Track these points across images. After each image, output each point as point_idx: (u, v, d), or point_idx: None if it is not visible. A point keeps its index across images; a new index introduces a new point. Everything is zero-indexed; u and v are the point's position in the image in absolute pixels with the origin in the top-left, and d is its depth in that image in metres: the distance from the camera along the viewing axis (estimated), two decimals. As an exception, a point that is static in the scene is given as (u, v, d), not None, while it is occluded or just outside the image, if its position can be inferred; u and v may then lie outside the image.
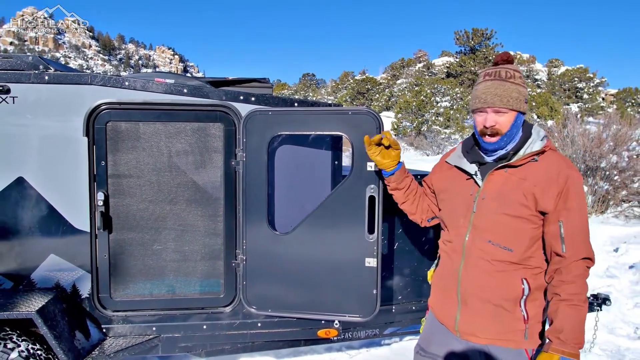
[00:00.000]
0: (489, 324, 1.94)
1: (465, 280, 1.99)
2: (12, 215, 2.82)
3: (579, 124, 12.14)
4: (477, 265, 1.97)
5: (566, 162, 1.92)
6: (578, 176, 1.91)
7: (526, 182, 1.88)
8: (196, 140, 2.97)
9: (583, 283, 1.85)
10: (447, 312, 2.08)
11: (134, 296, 3.00)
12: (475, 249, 1.97)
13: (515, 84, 1.91)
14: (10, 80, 2.76)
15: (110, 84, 2.86)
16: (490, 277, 1.94)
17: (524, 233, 1.90)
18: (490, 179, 1.96)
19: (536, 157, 1.91)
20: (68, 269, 2.90)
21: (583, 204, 1.88)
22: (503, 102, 1.90)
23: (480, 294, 1.96)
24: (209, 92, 2.95)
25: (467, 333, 1.99)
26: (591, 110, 34.01)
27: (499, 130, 1.92)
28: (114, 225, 2.93)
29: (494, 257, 1.93)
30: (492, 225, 1.93)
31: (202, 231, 3.02)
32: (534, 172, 1.89)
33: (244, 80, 3.41)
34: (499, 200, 1.92)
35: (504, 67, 1.96)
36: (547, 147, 1.93)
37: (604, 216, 10.57)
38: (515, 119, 1.92)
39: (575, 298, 1.83)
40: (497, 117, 1.91)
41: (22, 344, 2.63)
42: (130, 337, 2.99)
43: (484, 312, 1.95)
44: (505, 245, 1.91)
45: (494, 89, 1.91)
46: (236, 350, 3.22)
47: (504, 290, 1.92)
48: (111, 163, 2.90)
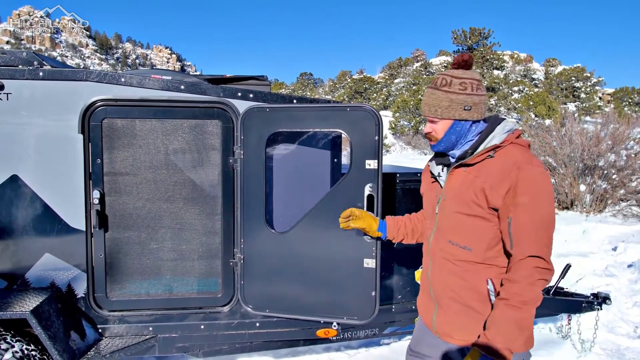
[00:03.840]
0: (461, 325, 1.93)
1: (434, 281, 2.01)
2: (6, 213, 2.78)
3: (576, 123, 12.13)
4: (442, 265, 1.97)
5: (524, 155, 1.83)
6: (534, 170, 1.78)
7: (478, 179, 1.85)
8: (193, 138, 2.93)
9: (527, 284, 1.72)
10: (426, 312, 2.09)
11: (130, 296, 2.95)
12: (438, 249, 1.99)
13: (449, 92, 1.89)
14: (4, 76, 2.72)
15: (106, 80, 2.82)
16: (455, 278, 1.93)
17: (482, 232, 1.86)
18: (450, 179, 1.97)
19: (492, 153, 1.86)
20: (63, 268, 2.86)
21: (538, 199, 1.76)
22: (431, 112, 1.93)
23: (449, 294, 1.95)
24: (206, 89, 2.92)
25: (443, 334, 1.99)
26: (588, 109, 34.05)
27: (435, 137, 1.97)
28: (110, 223, 2.89)
29: (456, 257, 1.92)
30: (451, 225, 1.94)
31: (199, 230, 2.98)
32: (487, 168, 1.85)
33: (242, 77, 3.37)
34: (456, 200, 1.91)
35: (444, 74, 1.94)
36: (506, 142, 1.87)
37: (602, 215, 10.56)
38: (450, 126, 1.93)
39: (513, 298, 1.72)
40: (432, 125, 1.96)
41: (17, 344, 2.59)
42: (126, 337, 2.95)
43: (456, 313, 1.94)
44: (464, 244, 1.90)
45: (427, 97, 1.96)
46: (234, 350, 3.19)
47: (469, 290, 1.90)
48: (107, 161, 2.86)
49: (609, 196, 10.60)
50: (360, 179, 2.77)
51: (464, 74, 1.91)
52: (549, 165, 11.52)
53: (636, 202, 10.64)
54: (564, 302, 4.21)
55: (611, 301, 4.25)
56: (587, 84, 37.66)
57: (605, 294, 4.22)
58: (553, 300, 4.20)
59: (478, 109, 1.91)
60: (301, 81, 59.75)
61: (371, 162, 2.75)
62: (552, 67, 43.82)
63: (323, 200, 2.84)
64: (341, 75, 49.46)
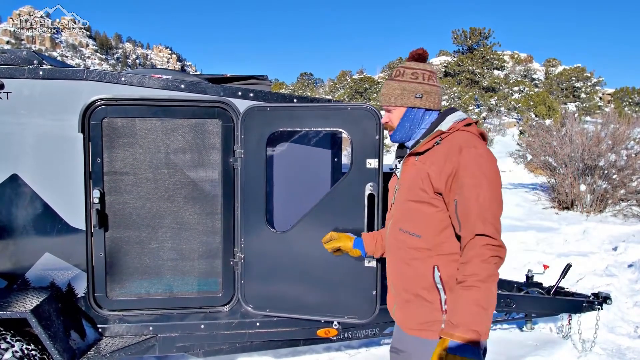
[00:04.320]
0: (413, 314, 1.94)
1: (390, 270, 2.05)
2: (6, 213, 2.77)
3: (577, 123, 12.12)
4: (395, 254, 2.00)
5: (468, 140, 1.85)
6: (476, 151, 1.80)
7: (425, 165, 1.88)
8: (193, 137, 2.92)
9: (480, 262, 1.69)
10: (390, 307, 2.13)
11: (130, 295, 2.95)
12: (392, 239, 2.02)
13: (401, 81, 1.98)
14: (4, 75, 2.71)
15: (106, 79, 2.81)
16: (406, 266, 1.95)
17: (429, 218, 1.87)
18: (404, 169, 2.01)
19: (439, 140, 1.89)
20: (63, 268, 2.85)
21: (480, 180, 1.76)
22: (385, 100, 2.02)
23: (401, 283, 1.98)
24: (207, 88, 2.91)
25: (405, 327, 2.00)
26: (588, 109, 34.02)
27: (391, 126, 2.04)
28: (110, 223, 2.89)
29: (407, 245, 1.93)
30: (402, 213, 1.97)
31: (199, 229, 2.98)
32: (434, 154, 1.88)
33: (242, 77, 3.36)
34: (406, 188, 1.95)
35: (398, 67, 2.03)
36: (452, 129, 1.89)
37: (602, 215, 10.55)
38: (404, 114, 2.00)
39: (469, 279, 1.68)
40: (388, 114, 2.04)
41: (16, 344, 2.58)
42: (126, 336, 2.94)
43: (408, 303, 1.96)
44: (413, 231, 1.91)
45: (383, 88, 2.04)
46: (234, 350, 3.18)
47: (418, 278, 1.91)
48: (107, 160, 2.85)
49: (609, 196, 10.59)
50: (361, 178, 2.77)
51: (416, 65, 2.00)
52: (549, 165, 11.52)
53: (636, 202, 10.63)
54: (565, 302, 4.20)
55: (612, 301, 4.24)
56: (587, 84, 37.63)
57: (605, 294, 4.21)
58: (554, 300, 4.20)
59: (430, 98, 1.98)
60: (301, 81, 59.74)
61: (372, 162, 2.75)
62: (553, 67, 43.80)
63: (323, 199, 2.83)
64: (341, 75, 49.46)
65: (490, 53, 38.77)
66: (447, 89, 32.93)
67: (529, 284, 4.55)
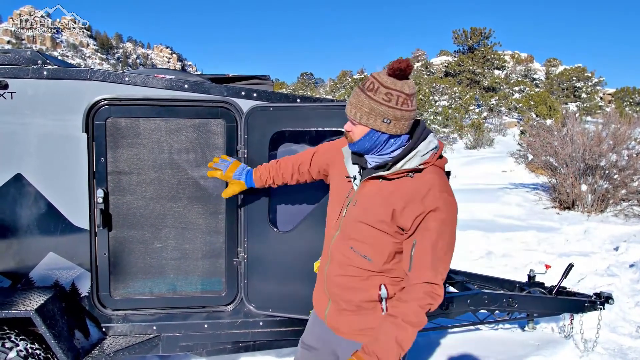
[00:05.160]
0: (352, 321, 1.99)
1: (330, 280, 2.04)
2: (10, 212, 2.78)
3: (578, 123, 12.12)
4: (339, 267, 1.99)
5: (440, 182, 1.84)
6: (446, 199, 1.81)
7: (392, 197, 1.84)
8: (197, 137, 2.93)
9: (416, 307, 1.77)
10: (320, 304, 2.13)
11: (134, 295, 2.95)
12: (338, 252, 2.00)
13: (373, 99, 1.80)
14: (8, 75, 2.72)
15: (110, 79, 2.82)
16: (350, 281, 1.96)
17: (385, 246, 1.89)
18: (364, 185, 1.94)
19: (411, 174, 1.85)
20: (67, 267, 2.86)
21: (444, 228, 1.79)
22: (351, 114, 1.86)
23: (342, 294, 1.99)
24: (210, 88, 2.92)
25: (334, 327, 2.05)
26: (589, 109, 34.00)
27: (352, 138, 1.91)
28: (114, 223, 2.89)
29: (354, 264, 1.94)
30: (355, 232, 1.94)
31: (203, 229, 2.98)
32: (403, 188, 1.84)
33: (244, 77, 3.36)
34: (365, 210, 1.91)
35: (375, 78, 1.83)
36: (427, 164, 1.86)
37: (603, 215, 10.56)
38: (367, 133, 1.85)
39: (401, 317, 1.77)
40: (351, 125, 1.89)
41: (21, 343, 2.59)
42: (130, 336, 2.95)
43: (348, 310, 1.99)
44: (365, 254, 1.92)
45: (352, 97, 1.87)
46: (238, 349, 3.19)
47: (363, 293, 1.94)
48: (111, 160, 2.85)
49: (610, 196, 10.60)
50: (364, 178, 2.77)
51: (393, 84, 1.79)
52: (550, 165, 11.52)
53: (638, 202, 10.64)
54: (567, 301, 4.20)
55: (614, 301, 4.25)
56: (588, 84, 37.62)
57: (607, 294, 4.22)
58: (556, 300, 4.20)
59: (398, 125, 1.82)
60: (302, 81, 59.72)
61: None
62: (553, 67, 43.78)
63: (326, 199, 2.83)
64: (342, 75, 49.41)
65: (491, 53, 38.77)
66: (447, 89, 32.92)
67: (531, 283, 4.56)
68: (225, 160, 2.58)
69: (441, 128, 29.12)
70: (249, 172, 2.52)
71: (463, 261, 6.51)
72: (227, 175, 2.54)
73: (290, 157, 2.47)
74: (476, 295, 3.89)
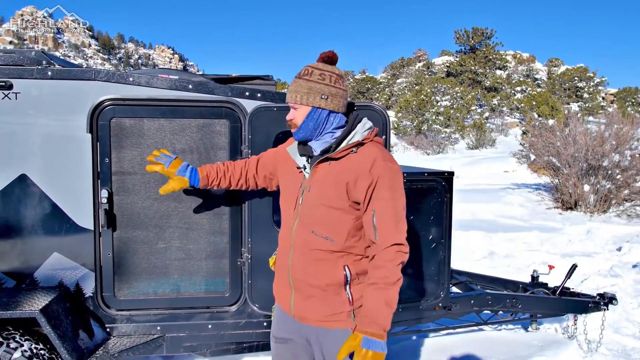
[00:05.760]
0: (318, 308, 2.06)
1: (294, 268, 2.11)
2: (14, 213, 2.78)
3: (580, 123, 12.10)
4: (302, 254, 2.08)
5: (382, 153, 2.02)
6: (391, 167, 2.00)
7: (342, 174, 1.99)
8: (201, 137, 2.93)
9: (392, 267, 1.94)
10: (283, 297, 2.20)
11: (138, 295, 2.95)
12: (300, 239, 2.08)
13: (309, 81, 2.04)
14: (12, 75, 2.72)
15: (114, 79, 2.82)
16: (315, 265, 2.05)
17: (344, 224, 2.02)
18: (315, 171, 2.07)
19: (355, 149, 2.02)
20: (71, 268, 2.86)
21: (396, 194, 1.98)
22: (292, 98, 2.06)
23: (308, 280, 2.07)
24: (214, 89, 2.92)
25: (300, 317, 2.11)
26: (591, 109, 33.94)
27: (295, 124, 2.08)
28: (118, 223, 2.89)
29: (317, 247, 2.04)
30: (314, 216, 2.05)
31: (207, 229, 2.98)
32: (350, 163, 2.00)
33: (247, 77, 3.37)
34: (320, 192, 2.03)
35: (307, 66, 2.08)
36: (367, 139, 2.04)
37: (606, 215, 10.54)
38: (309, 113, 2.05)
39: (381, 281, 1.92)
40: (293, 112, 2.08)
41: (25, 343, 2.59)
42: (134, 336, 2.95)
43: (313, 297, 2.07)
44: (326, 235, 2.03)
45: (291, 86, 2.08)
46: (241, 349, 3.19)
47: (328, 276, 2.04)
48: (115, 160, 2.86)
49: (613, 196, 10.58)
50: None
51: (324, 67, 2.06)
52: (553, 165, 11.50)
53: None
54: (571, 302, 4.20)
55: (617, 301, 4.24)
56: (590, 84, 37.56)
57: (611, 295, 4.21)
58: (559, 300, 4.20)
59: (335, 100, 2.05)
60: (303, 81, 59.46)
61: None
62: (555, 67, 43.71)
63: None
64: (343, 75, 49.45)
65: (493, 53, 38.72)
66: (449, 89, 32.88)
67: (534, 284, 4.55)
68: (167, 155, 2.55)
69: (443, 128, 29.09)
70: (193, 170, 2.53)
71: (465, 261, 6.51)
72: (170, 171, 2.50)
73: (238, 161, 2.56)
74: (480, 295, 3.89)
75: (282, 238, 2.20)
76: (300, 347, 2.17)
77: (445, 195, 3.38)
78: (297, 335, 2.16)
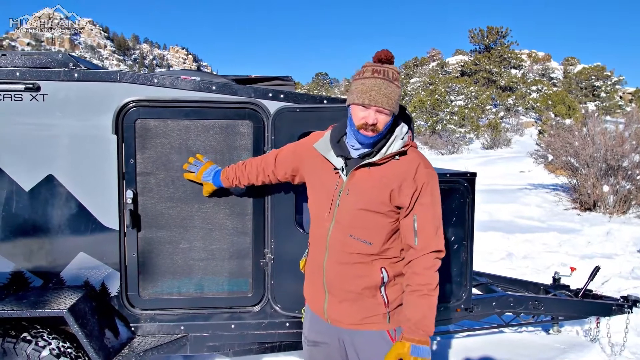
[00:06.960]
0: (353, 311, 2.07)
1: (329, 272, 2.10)
2: (42, 213, 2.82)
3: (598, 122, 11.94)
4: (339, 257, 2.07)
5: (423, 160, 2.06)
6: (432, 173, 2.05)
7: (385, 180, 2.00)
8: (224, 138, 2.94)
9: (432, 273, 1.96)
10: (316, 301, 2.19)
11: (162, 295, 2.98)
12: (337, 242, 2.07)
13: (398, 87, 2.00)
14: (40, 77, 2.76)
15: (139, 81, 2.84)
16: (351, 269, 2.06)
17: (383, 227, 2.03)
18: (354, 174, 2.05)
19: (397, 156, 2.03)
20: (97, 267, 2.89)
21: (436, 200, 2.03)
22: (389, 104, 1.95)
23: (343, 284, 2.07)
24: (238, 90, 2.93)
25: (335, 320, 2.11)
26: (609, 108, 33.50)
27: (378, 128, 1.99)
28: (143, 223, 2.92)
29: (355, 250, 2.05)
30: (353, 220, 2.04)
31: (230, 230, 2.99)
32: (393, 169, 2.01)
33: (267, 78, 3.37)
34: (360, 196, 2.02)
35: (390, 68, 1.99)
36: (407, 146, 2.06)
37: (625, 216, 10.39)
38: (391, 119, 2.02)
39: (424, 288, 1.95)
40: (378, 116, 1.97)
41: (53, 341, 2.63)
42: (158, 336, 2.97)
43: (348, 300, 2.08)
44: (365, 239, 2.03)
45: (383, 88, 1.94)
46: (264, 350, 3.20)
47: (364, 279, 2.05)
48: (140, 161, 2.88)
49: (633, 197, 10.42)
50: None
51: (394, 68, 2.02)
52: (571, 165, 11.36)
53: (661, 203, 10.43)
54: (594, 304, 4.15)
55: (642, 304, 4.18)
56: (607, 83, 37.05)
57: (635, 297, 4.15)
58: (582, 302, 4.14)
59: None
60: (317, 81, 59.76)
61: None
62: (571, 66, 43.21)
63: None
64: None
65: (508, 52, 38.41)
66: (463, 89, 32.66)
67: (555, 286, 4.50)
68: (198, 162, 2.78)
69: (457, 128, 28.90)
70: (216, 173, 2.70)
71: (484, 263, 6.46)
72: (198, 176, 2.75)
73: (256, 158, 2.63)
74: (502, 297, 3.86)
75: (315, 240, 2.18)
76: (333, 349, 2.17)
77: (468, 196, 3.35)
78: (330, 338, 2.16)
